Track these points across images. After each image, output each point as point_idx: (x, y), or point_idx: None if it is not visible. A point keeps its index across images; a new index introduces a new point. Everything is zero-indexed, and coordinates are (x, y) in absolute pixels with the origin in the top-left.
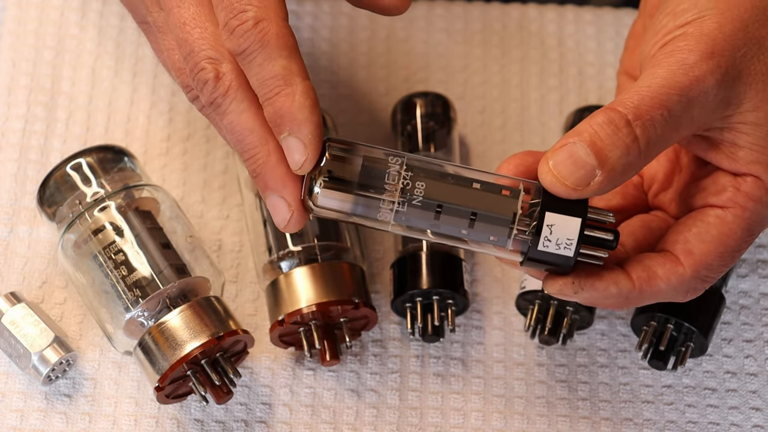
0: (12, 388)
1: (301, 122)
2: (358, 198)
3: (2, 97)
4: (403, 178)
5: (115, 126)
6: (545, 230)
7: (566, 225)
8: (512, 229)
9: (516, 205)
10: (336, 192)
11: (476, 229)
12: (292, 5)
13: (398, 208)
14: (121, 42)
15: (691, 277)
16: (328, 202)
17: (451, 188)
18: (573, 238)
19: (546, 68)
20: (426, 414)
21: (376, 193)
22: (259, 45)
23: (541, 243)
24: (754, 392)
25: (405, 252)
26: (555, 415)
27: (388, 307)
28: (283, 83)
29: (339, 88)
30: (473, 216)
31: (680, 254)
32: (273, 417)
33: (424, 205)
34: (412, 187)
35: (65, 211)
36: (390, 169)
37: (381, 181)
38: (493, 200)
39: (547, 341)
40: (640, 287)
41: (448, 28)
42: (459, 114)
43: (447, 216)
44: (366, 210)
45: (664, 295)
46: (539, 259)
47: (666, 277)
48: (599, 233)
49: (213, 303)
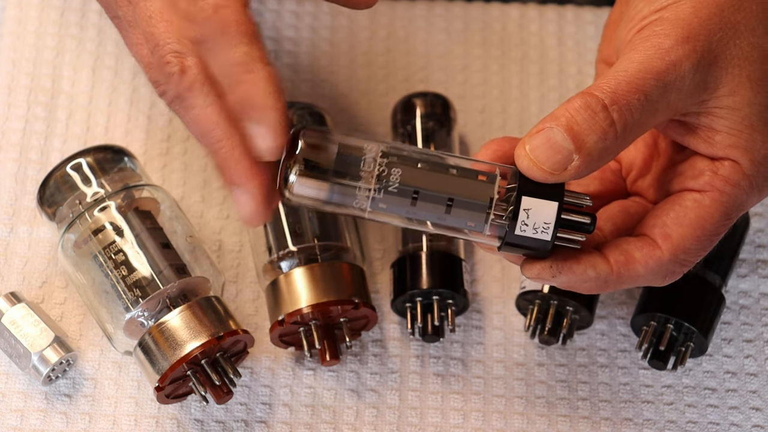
0: (12, 388)
1: (265, 109)
2: (334, 186)
3: (2, 97)
4: (379, 164)
5: (115, 126)
6: (522, 214)
7: (543, 209)
8: (489, 214)
9: (492, 190)
10: (312, 180)
11: (453, 215)
12: (292, 5)
13: (374, 195)
14: (121, 42)
15: (669, 260)
16: (304, 191)
17: (427, 174)
18: (550, 222)
19: (546, 68)
20: (426, 414)
21: (351, 180)
22: (219, 32)
23: (518, 227)
24: (754, 392)
25: (405, 252)
26: (555, 415)
27: (388, 307)
28: (245, 70)
29: (339, 88)
30: (450, 202)
31: (658, 238)
32: (273, 417)
33: (401, 192)
34: (388, 173)
35: (65, 211)
36: (366, 156)
37: (357, 169)
38: (469, 186)
39: (547, 341)
40: (618, 271)
41: (448, 28)
42: (459, 114)
43: (423, 202)
44: (342, 198)
45: (642, 279)
46: (517, 244)
47: (644, 260)
48: (576, 217)
49: (213, 303)
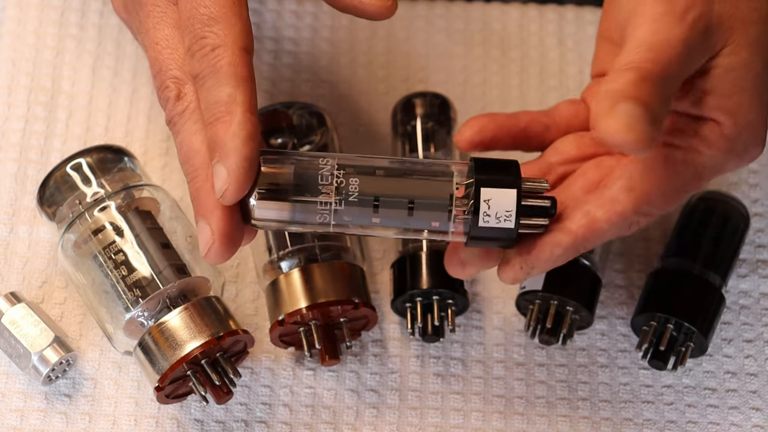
0: (12, 388)
1: (229, 151)
2: (296, 205)
3: (2, 97)
4: (336, 177)
5: (115, 126)
6: (483, 206)
7: (502, 197)
8: (451, 211)
9: (451, 187)
10: (272, 202)
11: (416, 217)
12: (292, 5)
13: (336, 208)
14: (121, 42)
15: (632, 212)
16: (266, 214)
17: (385, 181)
18: (511, 210)
19: (546, 68)
20: (426, 414)
21: (311, 196)
22: (210, 70)
23: (480, 219)
24: (754, 392)
25: (405, 252)
26: (555, 415)
27: (388, 307)
28: (225, 110)
29: (339, 88)
30: (411, 204)
31: (621, 192)
32: (273, 417)
33: (361, 201)
34: (347, 184)
35: (65, 211)
36: (322, 171)
37: (315, 184)
38: (428, 186)
39: (547, 341)
40: (583, 235)
41: (448, 28)
42: (459, 114)
43: (385, 209)
44: (305, 215)
45: (609, 234)
46: (482, 237)
47: (606, 218)
48: (536, 201)
49: (213, 303)
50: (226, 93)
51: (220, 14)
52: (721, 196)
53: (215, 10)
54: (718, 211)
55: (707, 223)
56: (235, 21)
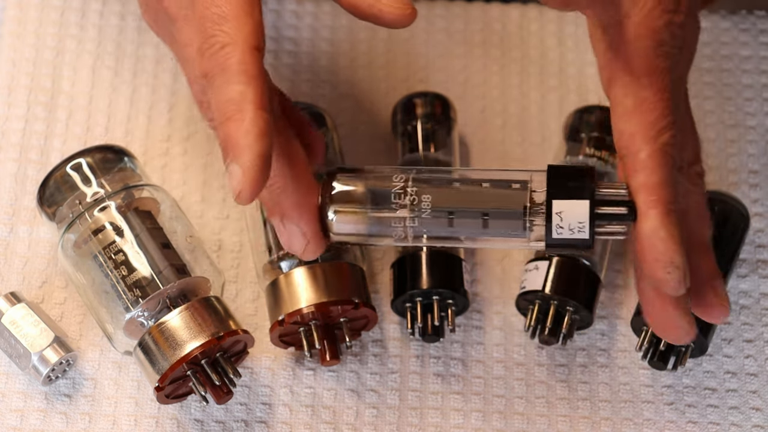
0: (12, 388)
1: (242, 149)
2: (372, 219)
3: (2, 97)
4: (410, 194)
5: (115, 126)
6: (555, 218)
7: (575, 209)
8: (526, 221)
9: (525, 197)
10: (349, 217)
11: (492, 228)
12: (292, 5)
13: (411, 224)
14: (121, 42)
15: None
16: (344, 228)
17: (458, 193)
18: (584, 221)
19: (546, 68)
20: (426, 414)
21: (387, 212)
22: (220, 69)
23: (554, 231)
24: (754, 392)
25: (405, 252)
26: (555, 415)
27: (388, 307)
28: (235, 109)
29: (339, 88)
30: (486, 216)
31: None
32: (273, 417)
33: (435, 215)
34: (419, 201)
35: (65, 211)
36: (395, 188)
37: (389, 201)
38: (502, 196)
39: (547, 341)
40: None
41: (448, 28)
42: (459, 114)
43: (460, 220)
44: (381, 229)
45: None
46: (558, 245)
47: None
48: (612, 209)
49: (213, 303)
50: (237, 91)
51: (230, 13)
52: (721, 196)
53: (226, 9)
54: (717, 211)
55: None
56: (246, 20)
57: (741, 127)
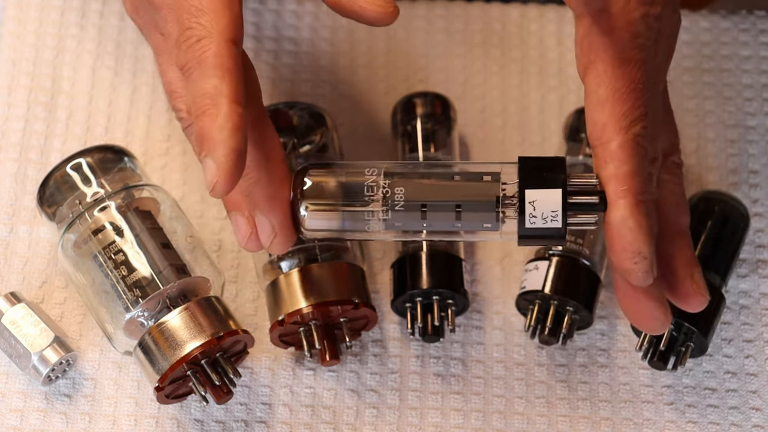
0: (12, 388)
1: (216, 143)
2: (344, 214)
3: (2, 97)
4: (383, 186)
5: (115, 126)
6: (528, 207)
7: (547, 198)
8: (498, 212)
9: (497, 189)
10: (322, 213)
11: (465, 220)
12: (292, 5)
13: (384, 217)
14: (121, 42)
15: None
16: (317, 224)
17: (431, 186)
18: (557, 210)
19: (546, 68)
20: (426, 414)
21: (360, 206)
22: (196, 62)
23: (527, 221)
24: (754, 392)
25: (405, 252)
26: (555, 415)
27: (388, 307)
28: (210, 103)
29: (339, 88)
30: (458, 208)
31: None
32: (273, 417)
33: (408, 208)
34: (392, 193)
35: (65, 211)
36: (368, 181)
37: (362, 195)
38: (474, 188)
39: (547, 341)
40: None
41: (448, 28)
42: (459, 114)
43: (433, 212)
44: (354, 224)
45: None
46: (532, 236)
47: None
48: (584, 198)
49: (213, 303)
50: (212, 85)
51: (208, 6)
52: (720, 196)
53: (204, 1)
54: (717, 211)
55: (707, 223)
56: (224, 12)
57: (741, 127)
